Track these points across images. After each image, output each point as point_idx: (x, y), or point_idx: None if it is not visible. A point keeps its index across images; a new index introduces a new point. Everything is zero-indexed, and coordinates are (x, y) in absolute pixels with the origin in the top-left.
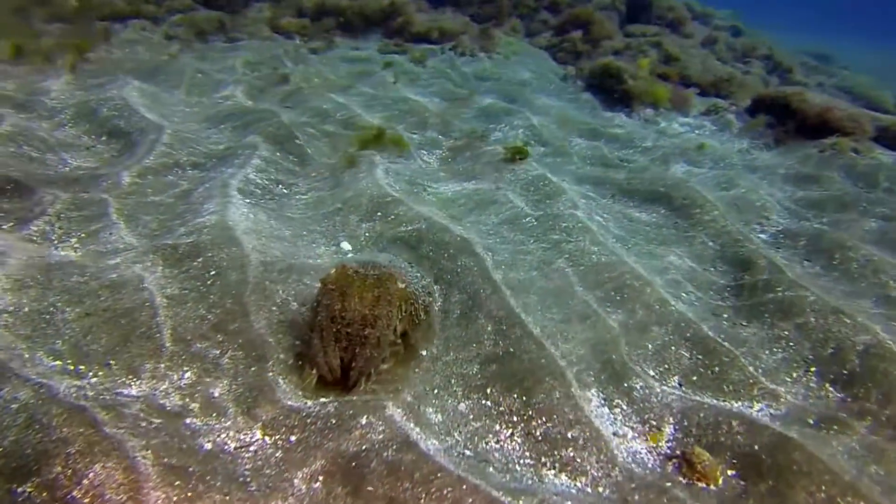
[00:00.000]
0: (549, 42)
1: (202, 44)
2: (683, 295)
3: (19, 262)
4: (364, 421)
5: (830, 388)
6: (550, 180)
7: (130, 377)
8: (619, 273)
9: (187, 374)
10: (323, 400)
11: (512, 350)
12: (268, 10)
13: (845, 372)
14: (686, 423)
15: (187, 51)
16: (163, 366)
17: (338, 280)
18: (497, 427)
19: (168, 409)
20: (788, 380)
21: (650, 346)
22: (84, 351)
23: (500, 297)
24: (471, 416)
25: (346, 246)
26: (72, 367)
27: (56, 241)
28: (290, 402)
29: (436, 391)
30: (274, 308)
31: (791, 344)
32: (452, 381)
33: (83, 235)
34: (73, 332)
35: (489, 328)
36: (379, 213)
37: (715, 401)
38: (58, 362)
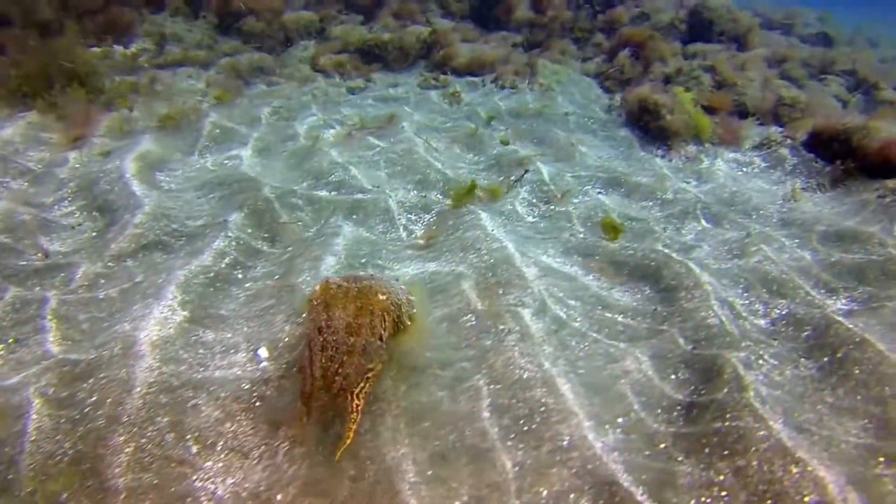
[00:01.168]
0: (599, 68)
1: (244, 90)
2: (618, 420)
3: None
4: None
5: None
6: (513, 262)
7: None
8: (538, 394)
9: None
10: None
11: None
12: (309, 49)
13: None
14: None
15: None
16: None
17: (322, 294)
18: None
19: None
20: None
21: (545, 492)
22: None
23: (378, 432)
24: None
25: (263, 353)
26: None
27: None
28: None
29: None
30: (144, 441)
31: (724, 493)
32: None
33: (10, 342)
34: None
35: (351, 472)
36: (304, 315)
37: None
38: None
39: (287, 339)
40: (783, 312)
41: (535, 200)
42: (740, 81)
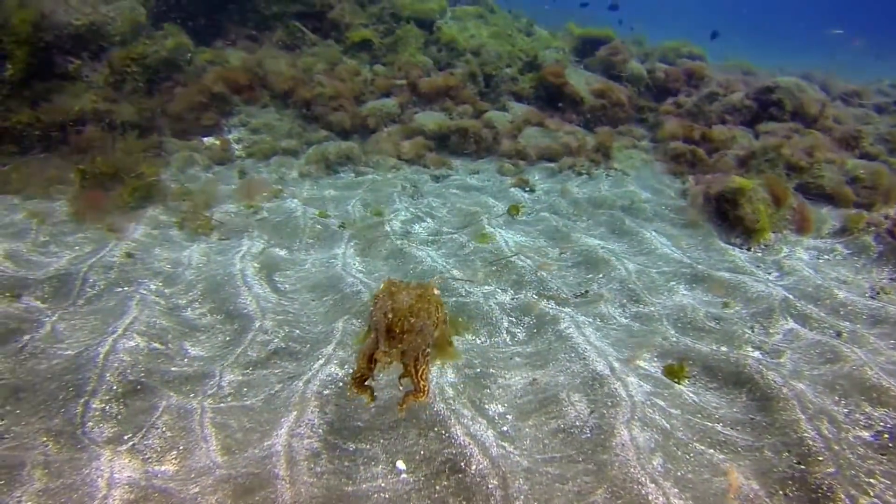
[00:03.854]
0: (669, 150)
1: (331, 179)
2: None
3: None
4: None
5: None
6: (616, 372)
7: None
8: None
9: None
10: None
11: None
12: (393, 136)
13: None
14: None
15: (316, 190)
16: None
17: (387, 288)
18: None
19: None
20: None
21: None
22: None
23: None
24: None
25: (401, 465)
26: None
27: (157, 458)
28: None
29: None
30: None
31: None
32: None
33: (182, 449)
34: None
35: None
36: (434, 430)
37: None
38: None
39: (423, 452)
40: (889, 424)
41: (624, 301)
42: (815, 164)
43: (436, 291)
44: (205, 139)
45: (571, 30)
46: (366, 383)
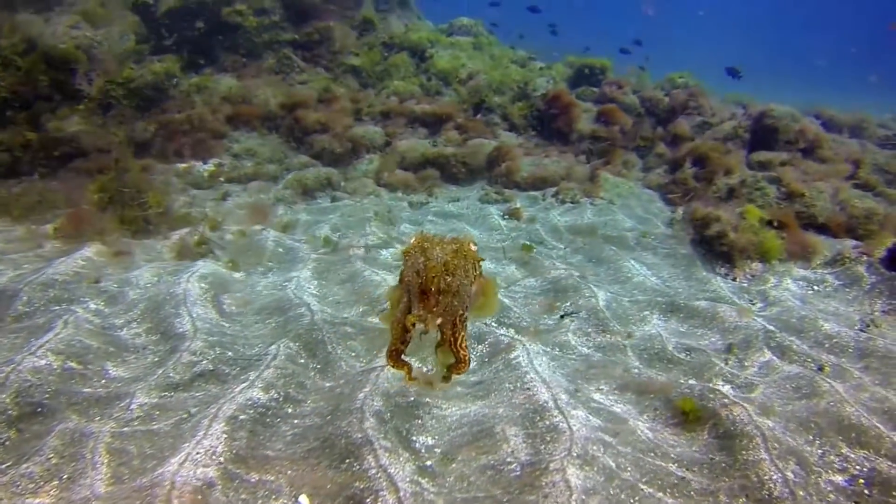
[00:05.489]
0: (661, 180)
1: (306, 204)
2: None
3: None
4: None
5: None
6: (561, 405)
7: None
8: None
9: None
10: None
11: None
12: (374, 163)
13: None
14: None
15: (289, 214)
16: None
17: (419, 243)
18: None
19: None
20: None
21: None
22: None
23: None
24: None
25: (303, 501)
26: None
27: (33, 488)
28: None
29: None
30: None
31: None
32: None
33: (65, 478)
34: None
35: None
36: (347, 461)
37: None
38: None
39: (329, 486)
40: (867, 468)
41: (589, 329)
42: (808, 192)
43: (473, 247)
44: (198, 164)
45: (570, 61)
46: (403, 357)
